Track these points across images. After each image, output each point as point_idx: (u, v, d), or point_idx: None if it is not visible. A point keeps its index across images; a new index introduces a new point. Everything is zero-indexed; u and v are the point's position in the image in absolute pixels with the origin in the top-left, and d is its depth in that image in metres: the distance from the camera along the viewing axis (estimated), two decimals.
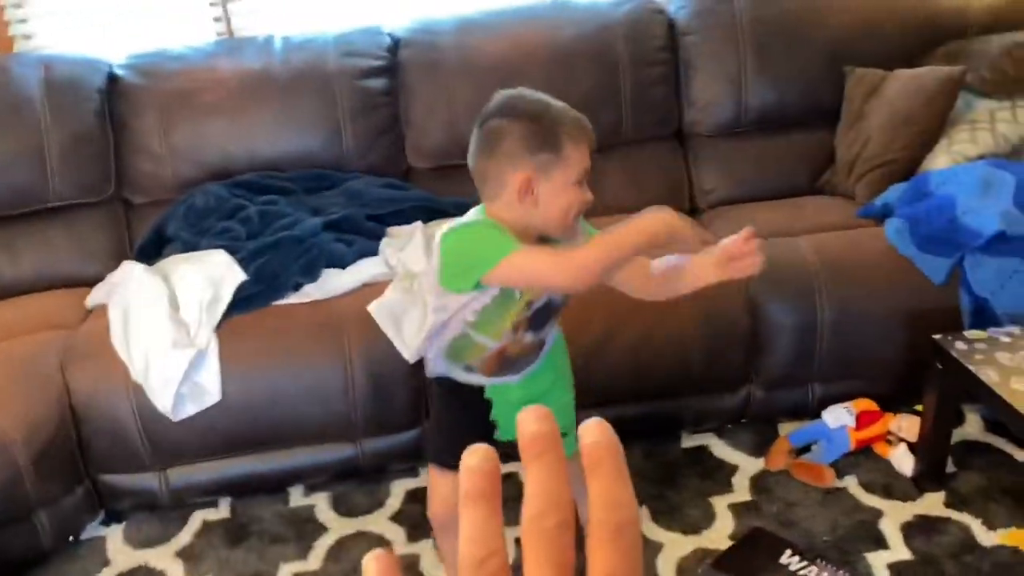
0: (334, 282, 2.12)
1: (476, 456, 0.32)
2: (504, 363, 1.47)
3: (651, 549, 1.93)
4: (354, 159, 2.56)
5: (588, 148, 1.32)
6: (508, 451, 0.37)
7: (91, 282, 2.35)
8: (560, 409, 1.58)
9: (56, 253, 2.43)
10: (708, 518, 2.02)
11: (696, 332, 2.07)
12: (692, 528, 1.99)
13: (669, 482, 2.14)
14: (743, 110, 2.62)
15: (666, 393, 2.17)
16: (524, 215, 1.33)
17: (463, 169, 2.59)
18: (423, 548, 1.99)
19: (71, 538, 2.09)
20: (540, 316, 1.44)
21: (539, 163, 1.29)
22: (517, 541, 0.32)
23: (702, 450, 2.25)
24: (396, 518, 2.10)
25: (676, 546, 1.94)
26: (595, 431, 0.32)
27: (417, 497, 2.16)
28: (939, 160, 2.34)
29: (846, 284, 2.10)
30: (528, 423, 0.32)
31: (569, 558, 0.30)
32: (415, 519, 2.09)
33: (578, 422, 0.33)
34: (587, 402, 2.13)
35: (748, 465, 2.18)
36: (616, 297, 2.07)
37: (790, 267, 2.14)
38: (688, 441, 2.28)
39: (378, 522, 2.09)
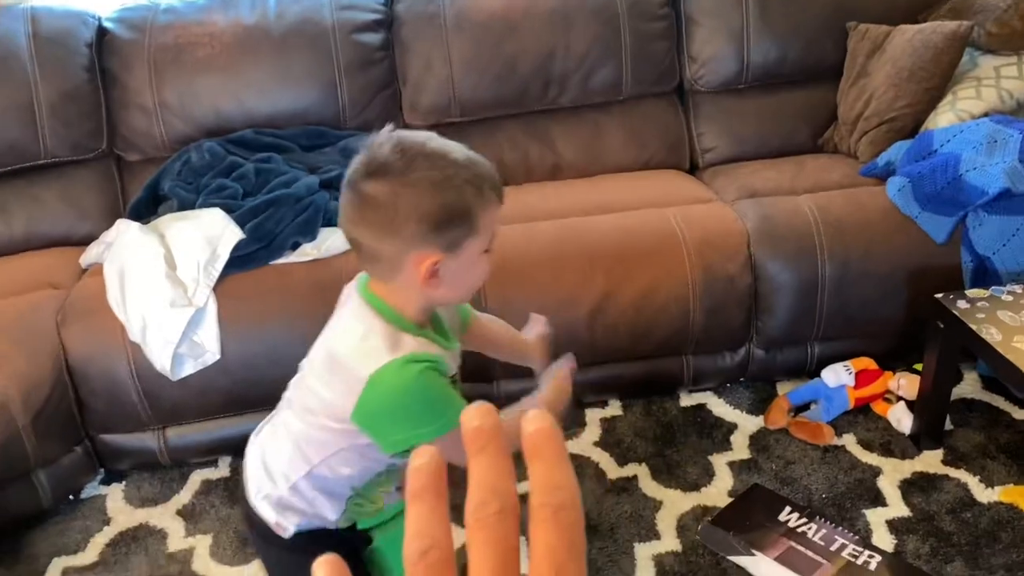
0: (332, 241, 2.10)
1: (422, 457, 0.33)
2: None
3: (650, 506, 1.95)
4: (350, 116, 2.52)
5: (500, 203, 1.08)
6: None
7: (84, 241, 2.32)
8: None
9: (48, 212, 2.39)
10: (707, 476, 2.03)
11: (697, 291, 2.06)
12: (691, 486, 2.00)
13: (668, 440, 2.15)
14: (745, 66, 2.58)
15: (666, 352, 2.17)
16: (424, 297, 1.08)
17: (459, 127, 2.59)
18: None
19: (71, 497, 2.09)
20: None
21: (447, 242, 1.03)
22: None
23: (701, 408, 2.25)
24: None
25: (675, 503, 1.95)
26: (536, 420, 0.33)
27: None
28: (943, 117, 2.31)
29: (847, 243, 2.08)
30: (470, 419, 0.33)
31: (513, 543, 0.31)
32: None
33: (579, 387, 0.34)
34: (587, 361, 2.14)
35: (747, 423, 2.18)
36: (617, 256, 2.08)
37: (791, 226, 2.13)
38: (687, 400, 2.28)
39: None
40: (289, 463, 1.17)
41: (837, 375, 2.15)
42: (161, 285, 1.94)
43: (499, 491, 0.32)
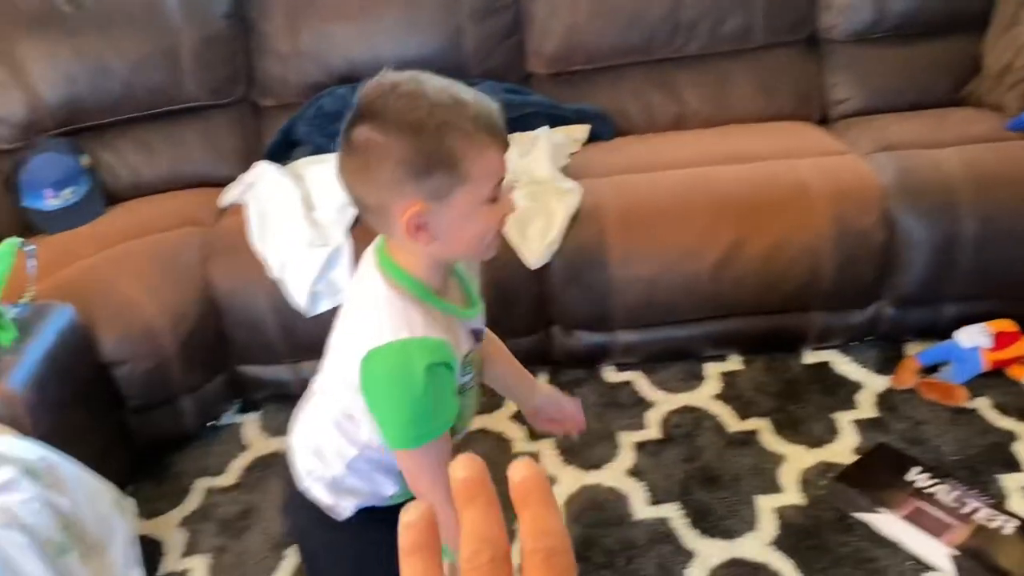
0: None
1: (413, 513, 0.34)
2: None
3: (772, 460, 1.94)
4: (474, 64, 2.54)
5: (501, 147, 0.95)
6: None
7: (222, 182, 2.43)
8: None
9: (189, 153, 2.51)
10: (831, 433, 2.00)
11: (828, 245, 2.01)
12: (815, 442, 1.98)
13: (790, 396, 2.12)
14: (883, 14, 2.46)
15: (792, 307, 2.13)
16: (427, 254, 0.98)
17: (582, 75, 2.57)
18: (543, 445, 2.05)
19: (211, 423, 2.23)
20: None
21: (429, 191, 0.92)
22: None
23: (824, 366, 2.21)
24: (515, 418, 2.16)
25: (798, 458, 1.93)
26: (523, 469, 0.33)
27: None
28: None
29: (993, 199, 1.99)
30: (457, 470, 0.34)
31: None
32: None
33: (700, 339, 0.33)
34: (709, 314, 2.14)
35: (873, 382, 2.13)
36: (746, 207, 2.04)
37: (930, 181, 2.05)
38: (810, 357, 2.24)
39: (499, 421, 2.15)
40: (340, 442, 1.09)
41: (972, 337, 2.07)
42: (300, 226, 2.02)
43: (490, 540, 0.32)
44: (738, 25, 2.48)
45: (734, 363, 2.26)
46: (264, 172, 2.21)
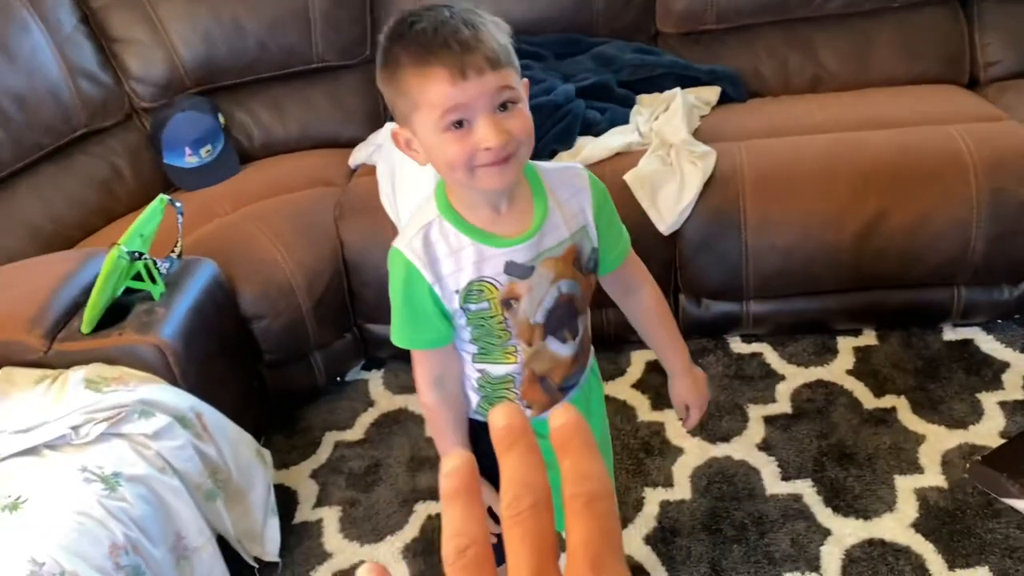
0: (589, 149, 2.10)
1: (452, 461, 0.34)
2: (546, 389, 1.18)
3: (911, 439, 1.86)
4: (602, 23, 2.49)
5: (448, 73, 0.90)
6: None
7: (349, 143, 2.46)
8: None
9: (318, 113, 2.55)
10: (975, 414, 1.91)
11: (982, 216, 1.89)
12: (957, 422, 1.89)
13: (930, 374, 2.03)
14: None
15: (936, 280, 2.03)
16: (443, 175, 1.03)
17: (713, 34, 2.49)
18: (667, 416, 2.02)
19: (338, 379, 2.28)
20: (554, 317, 1.12)
21: (399, 114, 0.97)
22: None
23: (967, 344, 2.10)
24: (638, 386, 2.13)
25: (939, 439, 1.85)
26: (562, 415, 0.33)
27: (658, 367, 2.17)
28: None
29: None
30: (498, 418, 0.34)
31: (548, 536, 0.31)
32: (657, 388, 2.11)
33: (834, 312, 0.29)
34: (846, 286, 2.06)
35: (1021, 363, 2.02)
36: (894, 174, 1.95)
37: None
38: (951, 333, 2.14)
39: (621, 389, 2.13)
40: None
41: None
42: (430, 187, 2.02)
43: (531, 485, 0.32)
44: None
45: (868, 337, 2.17)
46: None
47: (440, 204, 1.04)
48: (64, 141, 2.26)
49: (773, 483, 1.81)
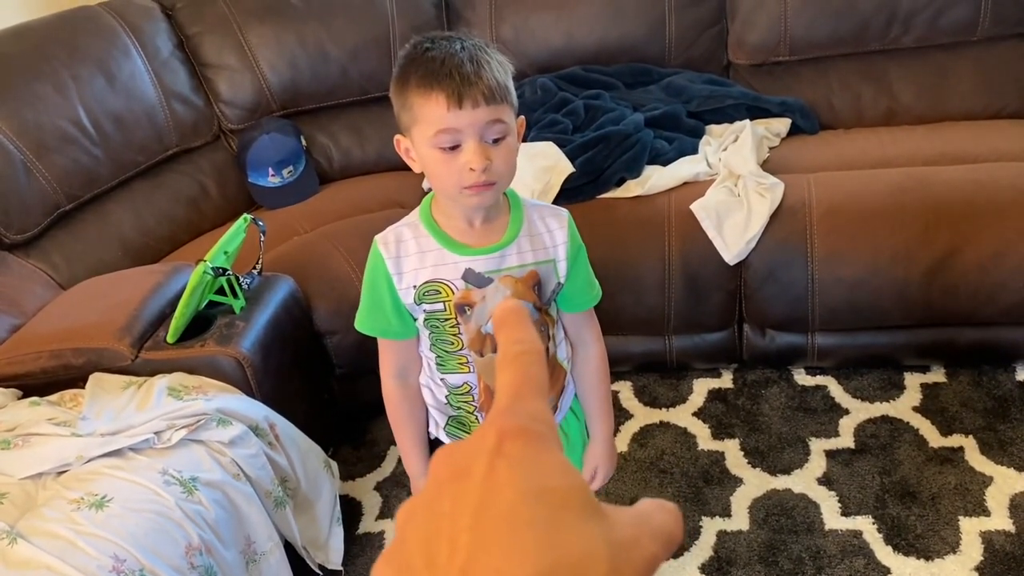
0: (656, 179, 2.13)
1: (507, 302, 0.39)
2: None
3: (978, 481, 1.83)
4: (675, 54, 2.52)
5: (447, 99, 1.01)
6: None
7: None
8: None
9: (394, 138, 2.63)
10: None
11: None
12: None
13: (1001, 414, 1.99)
14: None
15: (1010, 320, 1.99)
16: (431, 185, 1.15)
17: (787, 66, 2.50)
18: (727, 445, 2.02)
19: None
20: None
21: (402, 123, 1.10)
22: None
23: None
24: (699, 414, 2.14)
25: (1008, 481, 1.82)
26: (504, 304, 0.37)
27: (720, 396, 2.18)
28: None
29: None
30: (499, 309, 0.37)
31: (537, 373, 0.33)
32: (718, 417, 2.11)
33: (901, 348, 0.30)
34: (915, 322, 2.03)
35: None
36: (966, 211, 1.92)
37: None
38: None
39: (683, 416, 2.14)
40: None
41: None
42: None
43: (523, 339, 0.35)
44: (961, 16, 2.32)
45: (937, 375, 2.14)
46: None
47: (423, 209, 1.18)
48: (157, 160, 2.40)
49: (832, 518, 1.80)
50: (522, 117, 1.12)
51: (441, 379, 1.25)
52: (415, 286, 1.16)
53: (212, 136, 2.54)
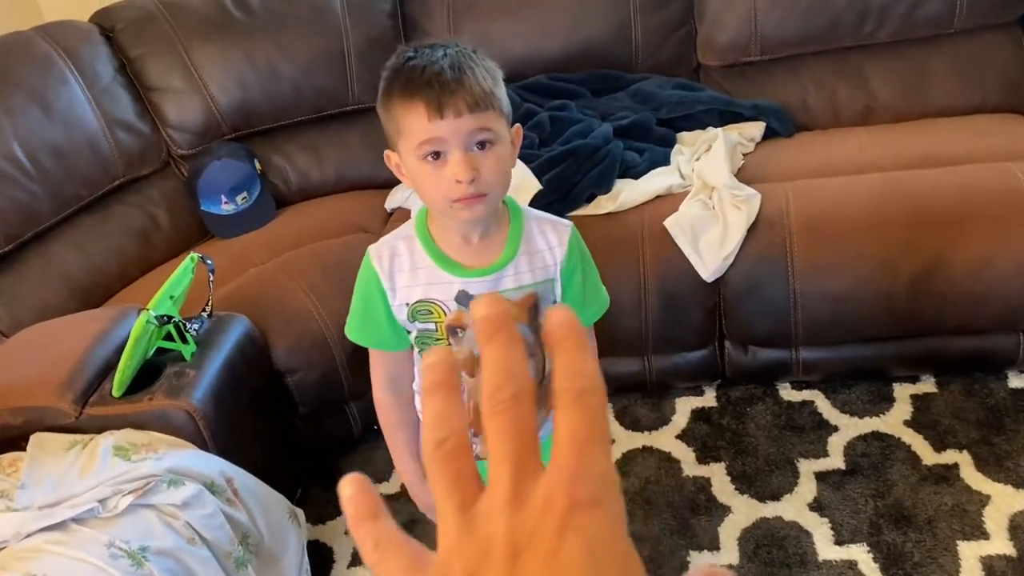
0: (627, 193, 2.03)
1: (433, 355, 0.33)
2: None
3: (975, 500, 1.75)
4: (642, 58, 2.42)
5: (426, 108, 0.98)
6: None
7: (385, 184, 2.43)
8: None
9: (354, 156, 2.52)
10: None
11: None
12: None
13: (995, 426, 1.91)
14: None
15: (999, 327, 1.91)
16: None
17: (759, 66, 2.40)
18: (713, 470, 1.94)
19: (375, 427, 2.24)
20: None
21: (389, 135, 1.07)
22: None
23: None
24: (683, 436, 2.05)
25: (1007, 500, 1.74)
26: (561, 312, 0.33)
27: (703, 416, 2.10)
28: None
29: None
30: (479, 309, 0.33)
31: (529, 426, 0.31)
32: (703, 438, 2.03)
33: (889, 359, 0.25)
34: (903, 333, 1.95)
35: None
36: (952, 217, 1.84)
37: None
38: (1017, 381, 2.01)
39: (665, 440, 2.05)
40: None
41: None
42: None
43: (513, 375, 0.31)
44: (937, 8, 2.24)
45: (927, 384, 2.06)
46: None
47: (419, 223, 1.12)
48: (102, 192, 2.27)
49: (826, 547, 1.72)
50: (517, 125, 1.09)
51: None
52: (408, 304, 1.13)
53: (160, 163, 2.41)
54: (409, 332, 1.17)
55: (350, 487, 0.34)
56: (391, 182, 2.42)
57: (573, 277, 1.16)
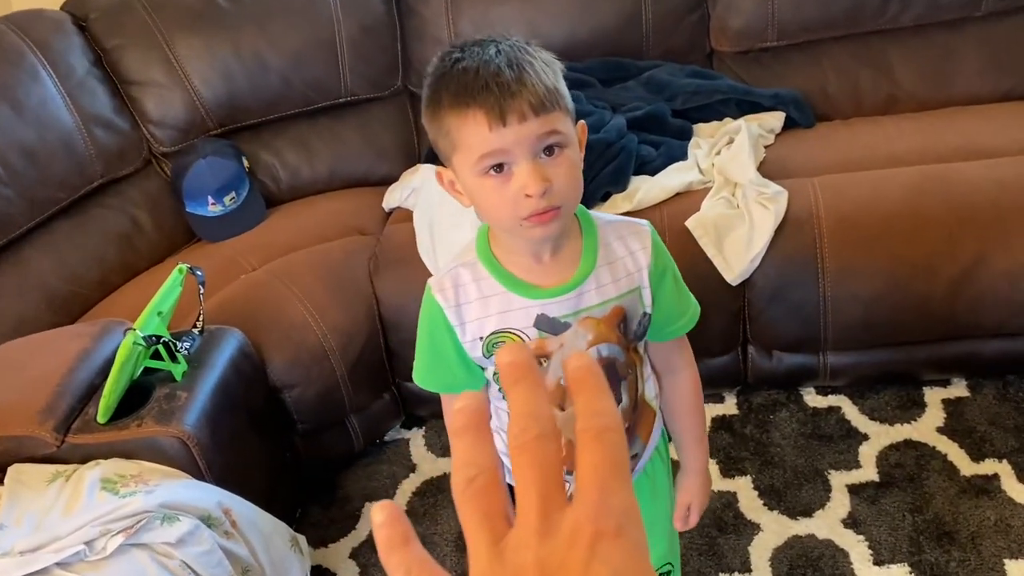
0: (644, 191, 1.91)
1: (463, 399, 0.34)
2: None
3: (1020, 514, 1.65)
4: (653, 44, 2.29)
5: (486, 117, 0.85)
6: None
7: (383, 182, 2.31)
8: (660, 534, 1.24)
9: (348, 151, 2.38)
10: None
11: None
12: None
13: None
14: None
15: None
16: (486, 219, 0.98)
17: (776, 52, 2.28)
18: (739, 484, 1.83)
19: (377, 440, 2.12)
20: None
21: (442, 153, 0.93)
22: None
23: None
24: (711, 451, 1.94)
25: None
26: (577, 359, 0.34)
27: (725, 424, 1.99)
28: None
29: None
30: (504, 356, 0.34)
31: (555, 464, 0.31)
32: (726, 450, 1.92)
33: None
34: (938, 337, 1.85)
35: None
36: (994, 215, 1.73)
37: None
38: None
39: None
40: None
41: None
42: (471, 237, 1.85)
43: (537, 416, 0.32)
44: None
45: (959, 388, 1.96)
46: (430, 177, 2.05)
47: (480, 246, 1.00)
48: (79, 194, 2.11)
49: (864, 568, 1.62)
50: (582, 122, 0.95)
51: None
52: (481, 337, 0.98)
53: (142, 162, 2.25)
54: (484, 369, 1.03)
55: (381, 514, 0.33)
56: (387, 179, 2.29)
57: (664, 280, 1.04)
